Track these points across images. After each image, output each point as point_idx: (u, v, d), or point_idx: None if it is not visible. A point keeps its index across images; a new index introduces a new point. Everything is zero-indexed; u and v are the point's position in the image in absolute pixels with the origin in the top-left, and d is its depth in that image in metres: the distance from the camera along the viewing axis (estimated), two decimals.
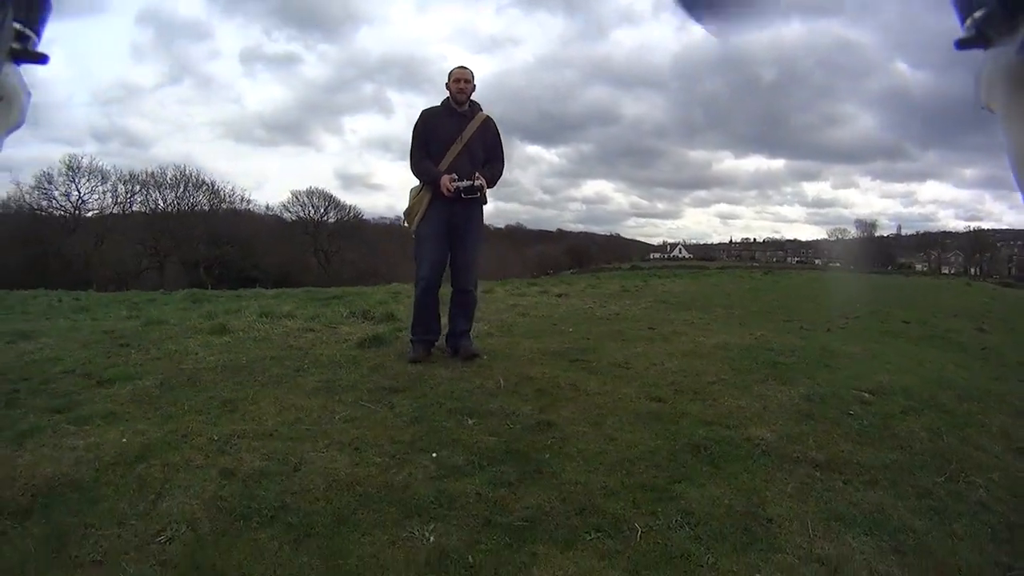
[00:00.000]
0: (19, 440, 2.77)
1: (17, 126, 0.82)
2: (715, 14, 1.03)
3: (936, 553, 2.14)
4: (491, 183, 4.58)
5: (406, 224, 4.68)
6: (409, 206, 4.64)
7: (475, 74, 4.66)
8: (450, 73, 4.61)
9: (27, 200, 33.91)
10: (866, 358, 5.06)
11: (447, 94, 4.61)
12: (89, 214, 36.18)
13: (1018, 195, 0.72)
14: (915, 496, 2.54)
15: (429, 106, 4.69)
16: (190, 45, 73.11)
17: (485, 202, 4.65)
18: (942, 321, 9.13)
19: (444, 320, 4.69)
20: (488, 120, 4.65)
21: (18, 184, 33.72)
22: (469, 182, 4.36)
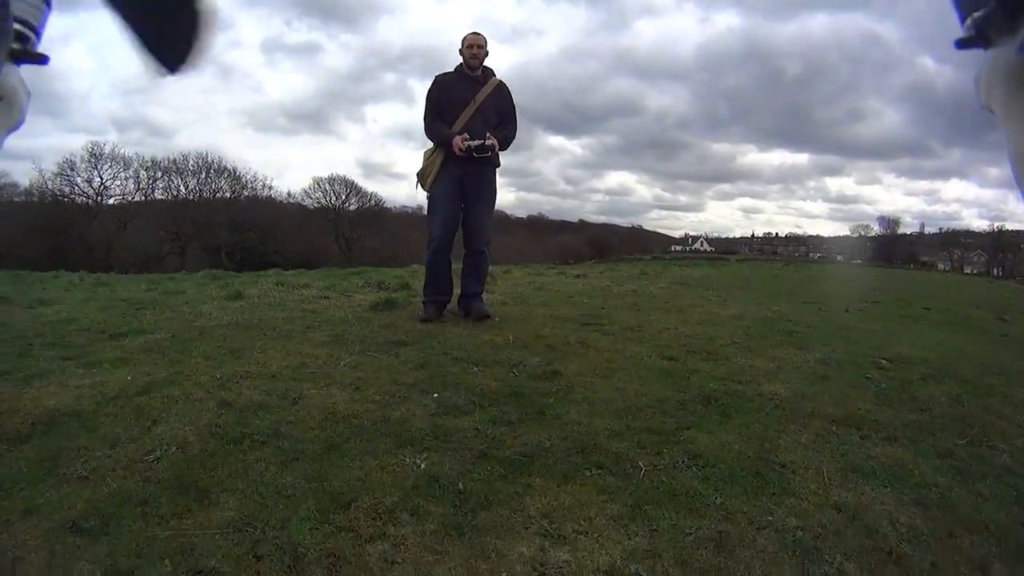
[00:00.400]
0: (27, 380, 2.77)
1: (17, 126, 0.82)
2: None
3: (961, 509, 2.01)
4: (503, 145, 4.53)
5: (419, 186, 4.67)
6: (422, 167, 4.63)
7: (487, 41, 4.59)
8: (463, 39, 4.58)
9: (49, 187, 34.27)
10: (885, 334, 4.94)
11: (461, 60, 4.57)
12: (111, 200, 36.54)
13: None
14: (936, 455, 2.41)
15: (443, 72, 4.69)
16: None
17: (498, 164, 4.63)
18: (963, 309, 8.95)
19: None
20: (502, 85, 4.61)
21: (40, 171, 34.11)
22: (480, 141, 4.33)
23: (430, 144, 4.61)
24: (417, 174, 4.66)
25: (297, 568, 1.50)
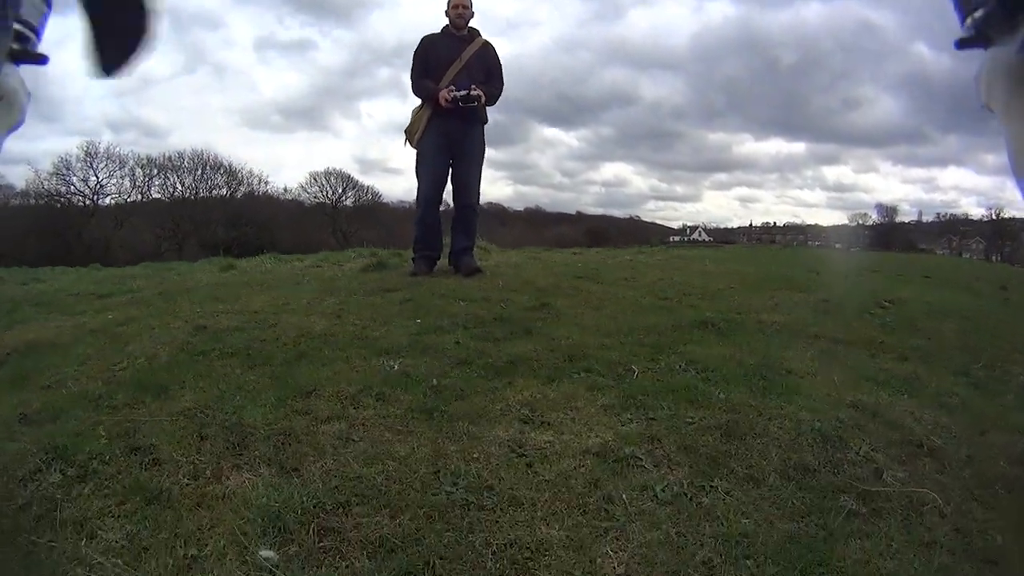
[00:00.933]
0: (9, 325, 2.74)
1: (17, 126, 0.81)
2: None
3: (986, 414, 1.90)
4: (490, 99, 4.46)
5: (407, 143, 4.61)
6: (409, 124, 4.56)
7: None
8: (449, 0, 4.53)
9: (46, 187, 34.04)
10: (886, 285, 4.91)
11: (447, 21, 4.53)
12: (108, 199, 36.32)
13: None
14: (951, 374, 2.30)
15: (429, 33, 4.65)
16: (203, 34, 73.17)
17: (485, 120, 4.57)
18: (964, 279, 8.87)
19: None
20: (488, 44, 4.56)
21: (36, 171, 33.82)
22: (465, 91, 4.26)
23: (418, 102, 4.57)
24: (405, 131, 4.59)
25: (241, 446, 1.40)
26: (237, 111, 69.89)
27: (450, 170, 4.45)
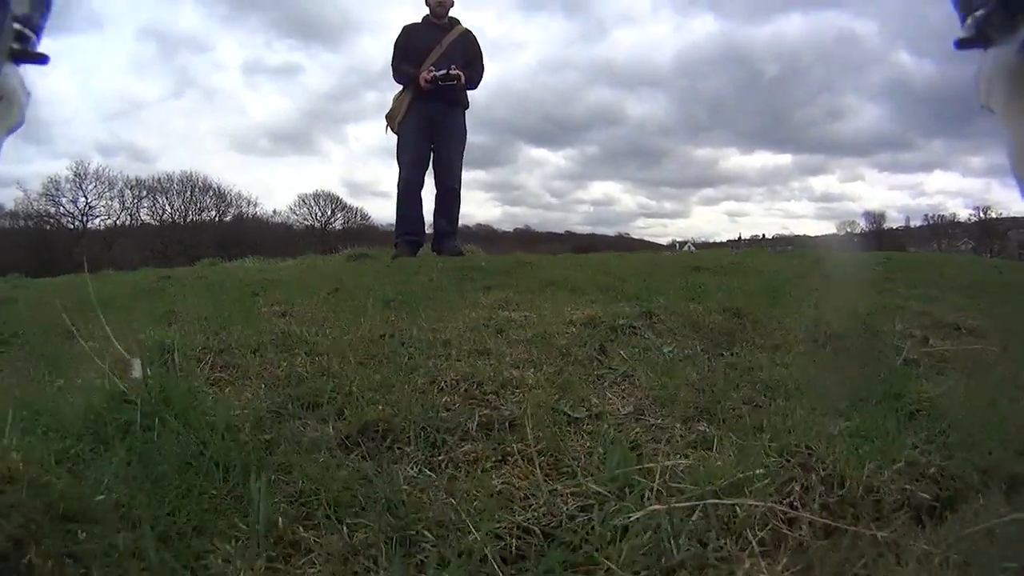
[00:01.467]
0: None
1: (17, 126, 0.79)
2: None
3: None
4: (471, 82, 4.51)
5: (388, 129, 4.60)
6: (391, 109, 4.57)
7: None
8: None
9: (35, 207, 33.83)
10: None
11: (427, 11, 4.62)
12: (97, 220, 36.13)
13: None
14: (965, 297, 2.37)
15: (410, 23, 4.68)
16: (191, 58, 73.50)
17: (467, 105, 4.61)
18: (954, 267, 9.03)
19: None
20: (468, 32, 4.63)
21: (25, 191, 33.64)
22: (444, 70, 4.29)
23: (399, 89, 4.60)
24: (386, 116, 4.61)
25: None
26: (226, 135, 70.11)
27: (431, 154, 4.47)
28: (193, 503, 0.75)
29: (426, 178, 4.51)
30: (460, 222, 4.64)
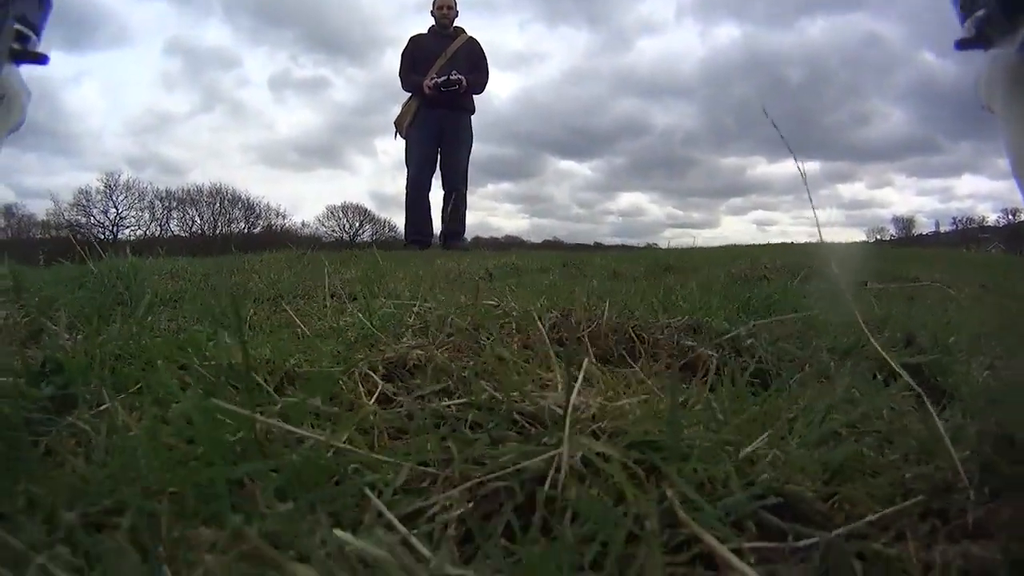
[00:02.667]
0: None
1: (18, 125, 0.81)
2: None
3: None
4: (475, 87, 4.62)
5: (397, 135, 4.76)
6: (399, 115, 4.73)
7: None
8: (434, 1, 4.77)
9: (66, 217, 34.54)
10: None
11: (432, 22, 4.82)
12: (127, 231, 36.80)
13: None
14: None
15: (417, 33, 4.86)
16: (219, 73, 74.92)
17: (473, 110, 4.71)
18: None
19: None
20: (472, 40, 4.75)
21: (56, 201, 34.32)
22: (445, 76, 4.45)
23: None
24: (395, 122, 4.76)
25: None
26: (255, 149, 71.10)
27: (439, 157, 4.62)
28: None
29: (433, 180, 4.66)
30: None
